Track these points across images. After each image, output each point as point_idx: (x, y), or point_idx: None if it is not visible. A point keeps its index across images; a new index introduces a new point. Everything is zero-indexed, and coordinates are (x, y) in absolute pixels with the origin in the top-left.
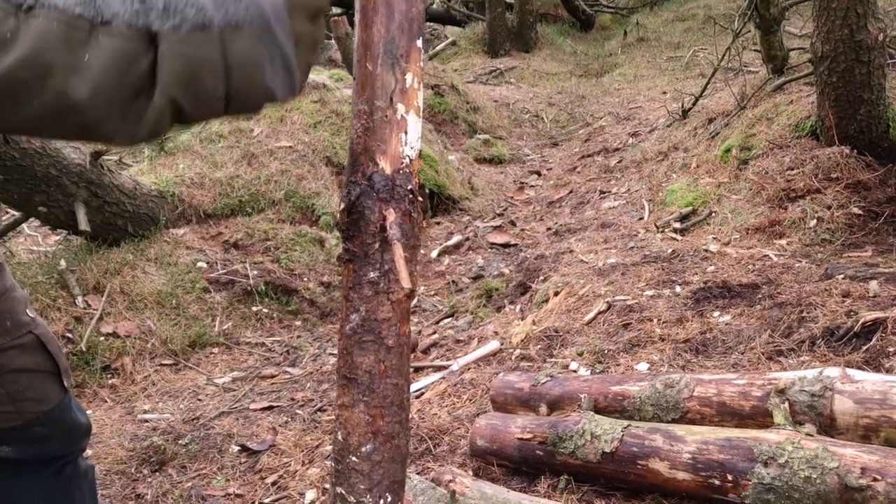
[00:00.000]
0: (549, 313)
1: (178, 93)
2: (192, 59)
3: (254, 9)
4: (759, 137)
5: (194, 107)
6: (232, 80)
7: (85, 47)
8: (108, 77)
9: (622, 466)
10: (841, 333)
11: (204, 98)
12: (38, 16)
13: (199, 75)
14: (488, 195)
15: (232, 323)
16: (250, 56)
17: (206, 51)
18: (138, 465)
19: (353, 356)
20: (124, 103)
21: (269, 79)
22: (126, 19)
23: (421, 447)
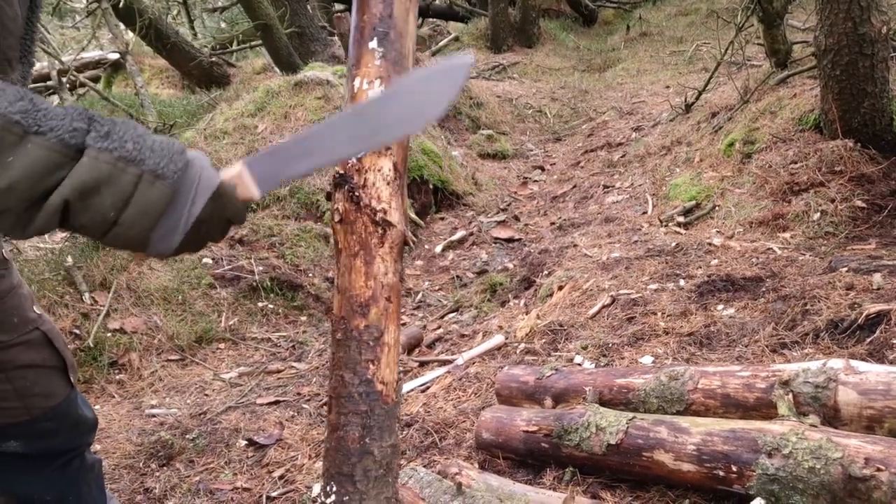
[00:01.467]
0: (554, 307)
1: (74, 198)
2: (104, 179)
3: (184, 176)
4: (763, 131)
5: (82, 217)
6: (126, 212)
7: (12, 150)
8: (23, 181)
9: (627, 458)
10: (845, 326)
11: (95, 213)
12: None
13: (102, 193)
14: (492, 190)
15: (238, 318)
16: (155, 205)
17: (121, 178)
18: (146, 459)
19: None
20: (28, 204)
21: (155, 232)
22: (59, 134)
23: (427, 440)
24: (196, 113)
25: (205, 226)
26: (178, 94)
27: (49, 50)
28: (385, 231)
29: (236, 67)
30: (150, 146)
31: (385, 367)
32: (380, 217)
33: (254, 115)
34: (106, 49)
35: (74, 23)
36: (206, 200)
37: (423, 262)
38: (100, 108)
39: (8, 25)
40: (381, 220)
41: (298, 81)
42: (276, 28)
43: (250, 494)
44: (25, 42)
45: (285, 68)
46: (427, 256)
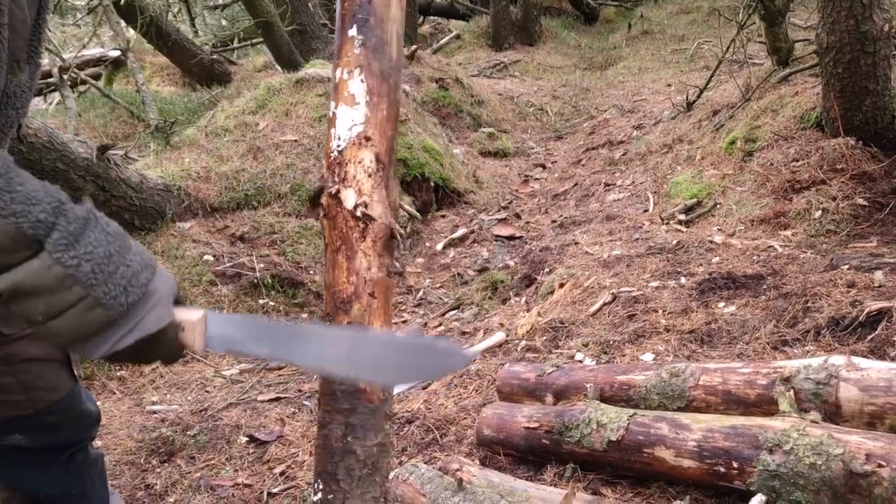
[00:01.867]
0: (555, 305)
1: (7, 294)
2: (48, 288)
3: (129, 309)
4: (764, 129)
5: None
6: (54, 322)
7: None
8: None
9: (628, 454)
10: (846, 323)
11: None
12: None
13: (39, 299)
14: (493, 188)
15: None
16: (85, 328)
17: (64, 295)
18: (147, 455)
19: None
20: None
21: (80, 344)
22: (19, 222)
23: (428, 437)
24: (197, 110)
25: (134, 352)
26: (179, 91)
27: (50, 47)
28: (366, 225)
29: (237, 65)
30: (110, 272)
31: None
32: (360, 211)
33: (255, 112)
34: (107, 46)
35: (76, 20)
36: (138, 339)
37: (424, 259)
38: (101, 106)
39: (17, 27)
40: (362, 213)
41: (300, 79)
42: (278, 26)
43: (251, 491)
44: (33, 43)
45: (286, 66)
46: (428, 254)
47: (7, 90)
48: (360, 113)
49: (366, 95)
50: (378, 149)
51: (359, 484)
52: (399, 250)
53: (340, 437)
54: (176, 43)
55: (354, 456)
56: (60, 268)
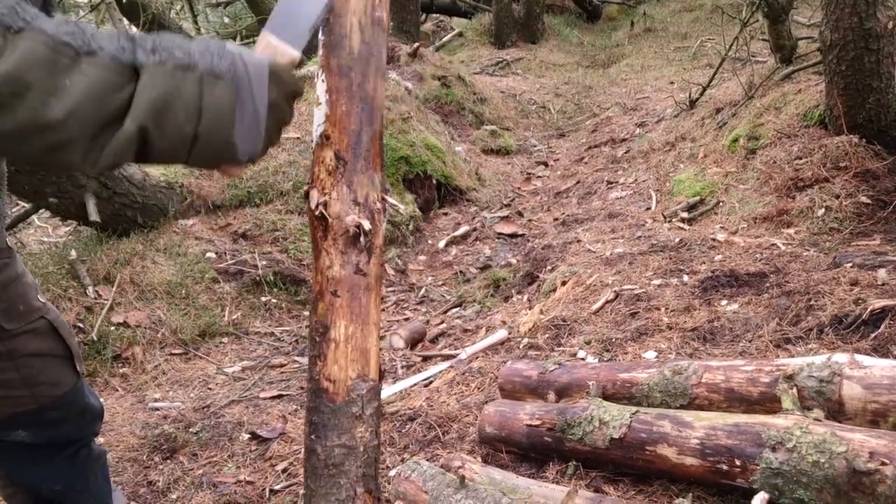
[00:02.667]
0: (557, 302)
1: (150, 122)
2: (170, 92)
3: (237, 67)
4: (767, 127)
5: (161, 139)
6: (202, 122)
7: (67, 73)
8: (85, 103)
9: (630, 452)
10: (849, 321)
11: (172, 132)
12: (26, 38)
13: (174, 108)
14: (495, 186)
15: (241, 313)
16: (225, 105)
17: (185, 87)
18: (150, 452)
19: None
20: (96, 129)
21: (237, 132)
22: (111, 52)
23: (430, 434)
24: None
25: (276, 109)
26: None
27: None
28: (326, 223)
29: None
30: (196, 50)
31: (332, 364)
32: (319, 210)
33: None
34: None
35: (78, 17)
36: (266, 83)
37: (426, 257)
38: None
39: None
40: (321, 213)
41: (302, 76)
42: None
43: (253, 487)
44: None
45: None
46: (430, 252)
47: None
48: (322, 112)
49: (325, 94)
50: (338, 146)
51: (323, 483)
52: (402, 248)
53: (307, 435)
54: None
55: (316, 455)
56: (163, 67)
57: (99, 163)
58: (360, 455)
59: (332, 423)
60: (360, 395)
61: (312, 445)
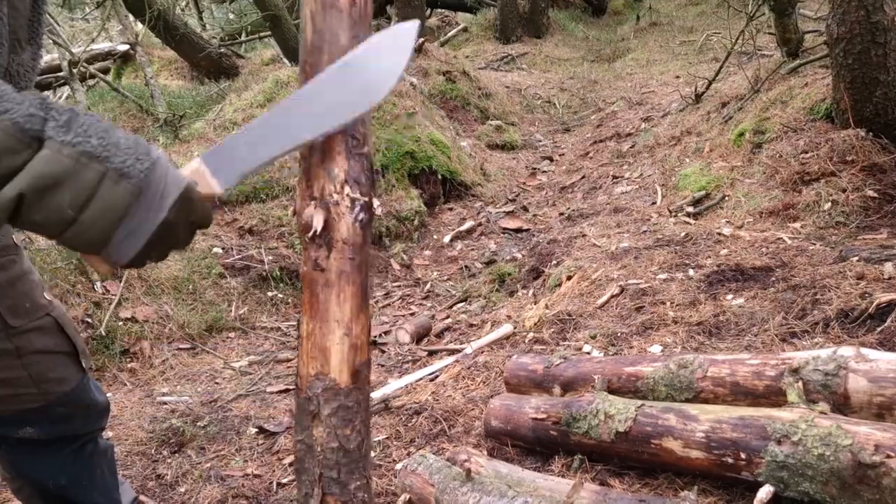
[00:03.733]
0: (562, 297)
1: (31, 193)
2: (66, 173)
3: (150, 175)
4: (773, 121)
5: (37, 213)
6: (86, 211)
7: None
8: None
9: (636, 446)
10: (855, 315)
11: (52, 210)
12: None
13: (62, 189)
14: (500, 181)
15: (248, 308)
16: (117, 204)
17: (84, 174)
18: (158, 446)
19: None
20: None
21: (117, 234)
22: (13, 117)
23: (436, 428)
24: (205, 104)
25: (170, 230)
26: (187, 85)
27: (59, 41)
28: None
29: (245, 59)
30: (115, 143)
31: (299, 359)
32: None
33: (263, 105)
34: (115, 41)
35: (84, 14)
36: (171, 202)
37: (431, 252)
38: (110, 99)
39: (16, 4)
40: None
41: None
42: (285, 19)
43: (261, 481)
44: (33, 24)
45: (294, 59)
46: (436, 247)
47: (10, 69)
48: None
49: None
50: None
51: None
52: (408, 243)
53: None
54: (184, 37)
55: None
56: (70, 148)
57: None
58: (317, 455)
59: (298, 419)
60: (315, 394)
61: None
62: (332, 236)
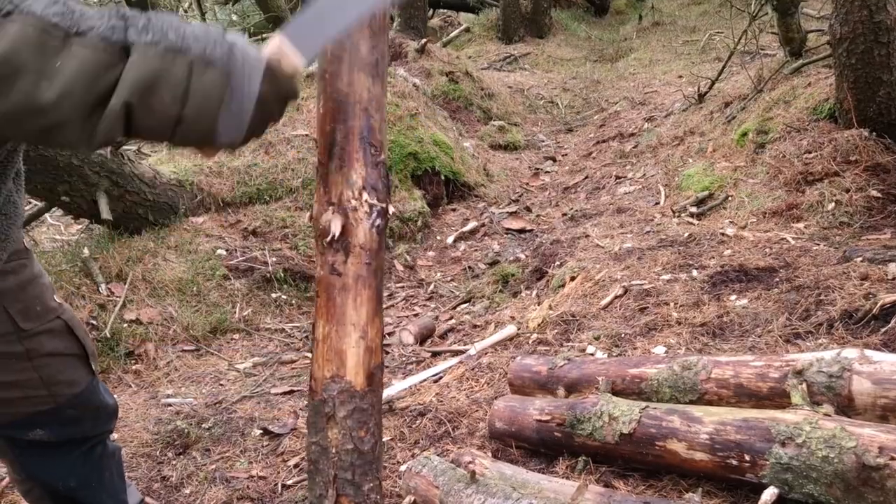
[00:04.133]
0: (566, 298)
1: (135, 99)
2: (158, 72)
3: (233, 57)
4: (777, 121)
5: (145, 117)
6: (187, 105)
7: (57, 54)
8: (76, 84)
9: (640, 447)
10: (859, 316)
11: (157, 111)
12: (14, 21)
13: (160, 88)
14: (503, 181)
15: (252, 309)
16: (212, 91)
17: (173, 70)
18: (163, 448)
19: None
20: (88, 110)
21: (221, 120)
22: (101, 32)
23: (440, 430)
24: None
25: (264, 105)
26: None
27: None
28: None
29: None
30: (191, 34)
31: (314, 362)
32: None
33: None
34: None
35: None
36: (259, 78)
37: (435, 252)
38: None
39: None
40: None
41: (310, 74)
42: (288, 21)
43: (266, 483)
44: None
45: None
46: (439, 247)
47: None
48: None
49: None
50: (319, 149)
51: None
52: (411, 244)
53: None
54: None
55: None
56: (154, 48)
57: (93, 142)
58: (332, 457)
59: (312, 420)
60: (331, 396)
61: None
62: (349, 241)
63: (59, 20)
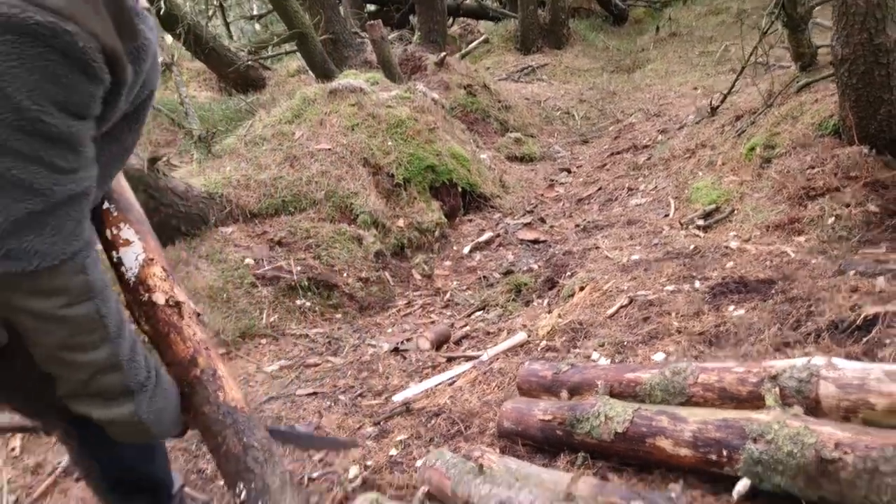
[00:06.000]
0: (575, 307)
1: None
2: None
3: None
4: (783, 136)
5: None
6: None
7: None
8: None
9: (632, 444)
10: (844, 326)
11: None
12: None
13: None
14: (519, 192)
15: (278, 315)
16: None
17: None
18: (198, 443)
19: None
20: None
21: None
22: (126, 382)
23: (453, 429)
24: (234, 117)
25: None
26: (215, 96)
27: None
28: (179, 308)
29: (271, 70)
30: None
31: (230, 390)
32: (171, 301)
33: (291, 121)
34: None
35: None
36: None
37: (451, 262)
38: None
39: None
40: (174, 302)
41: (333, 89)
42: (312, 36)
43: (293, 475)
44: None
45: (320, 74)
46: (455, 257)
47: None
48: (139, 246)
49: (136, 235)
50: (161, 263)
51: (267, 465)
52: (428, 254)
53: (238, 443)
54: (213, 50)
55: (254, 448)
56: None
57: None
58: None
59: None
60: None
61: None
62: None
63: (133, 381)
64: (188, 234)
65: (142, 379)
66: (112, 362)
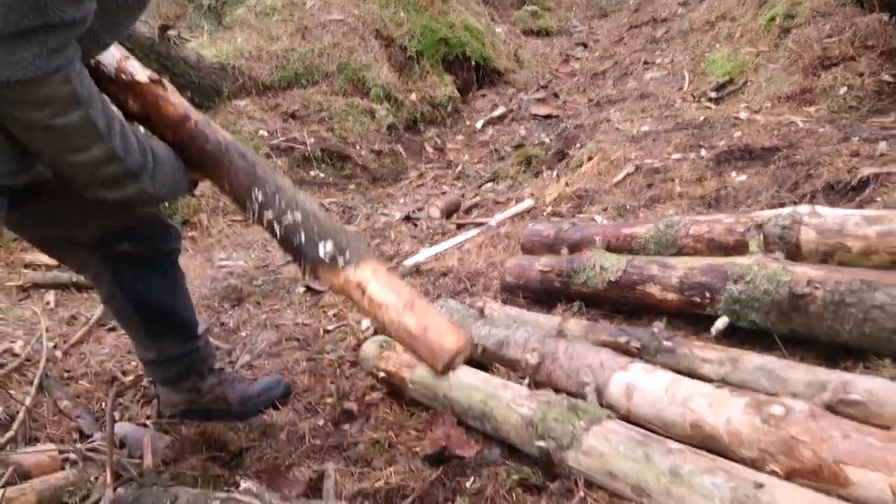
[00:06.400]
0: (582, 176)
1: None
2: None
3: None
4: (805, 5)
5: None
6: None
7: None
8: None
9: (624, 292)
10: (840, 187)
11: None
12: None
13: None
14: (533, 68)
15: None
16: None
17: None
18: (220, 300)
19: None
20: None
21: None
22: (127, 166)
23: (460, 286)
24: None
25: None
26: None
27: None
28: (162, 83)
29: None
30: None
31: (224, 132)
32: (152, 79)
33: None
34: None
35: None
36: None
37: (463, 136)
38: None
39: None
40: (156, 79)
41: None
42: None
43: (310, 328)
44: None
45: None
46: (468, 132)
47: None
48: (115, 50)
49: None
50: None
51: (275, 173)
52: (441, 128)
53: (244, 161)
54: None
55: (259, 164)
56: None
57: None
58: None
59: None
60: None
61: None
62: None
63: (132, 165)
64: (201, 107)
65: (141, 162)
66: (109, 156)
